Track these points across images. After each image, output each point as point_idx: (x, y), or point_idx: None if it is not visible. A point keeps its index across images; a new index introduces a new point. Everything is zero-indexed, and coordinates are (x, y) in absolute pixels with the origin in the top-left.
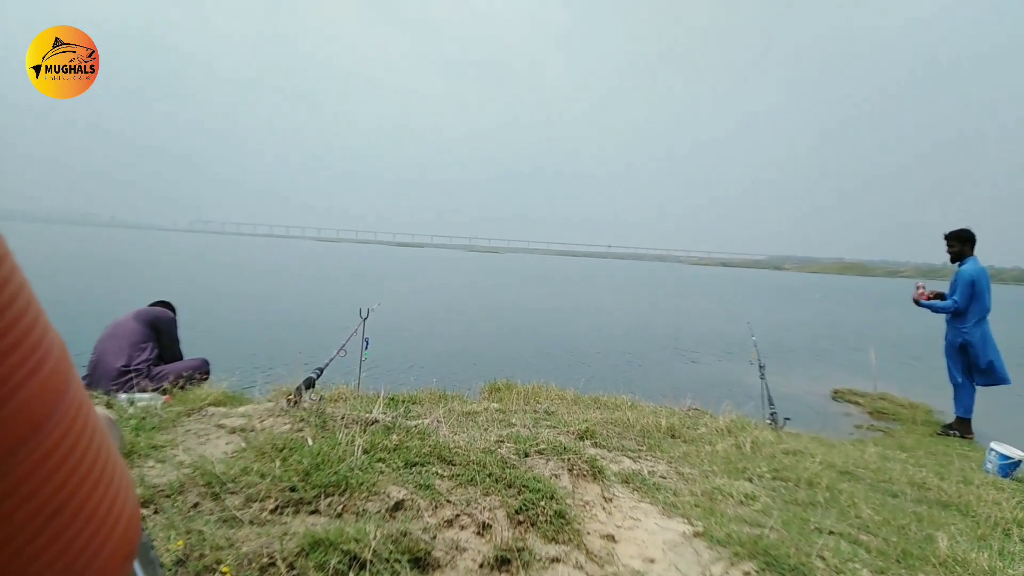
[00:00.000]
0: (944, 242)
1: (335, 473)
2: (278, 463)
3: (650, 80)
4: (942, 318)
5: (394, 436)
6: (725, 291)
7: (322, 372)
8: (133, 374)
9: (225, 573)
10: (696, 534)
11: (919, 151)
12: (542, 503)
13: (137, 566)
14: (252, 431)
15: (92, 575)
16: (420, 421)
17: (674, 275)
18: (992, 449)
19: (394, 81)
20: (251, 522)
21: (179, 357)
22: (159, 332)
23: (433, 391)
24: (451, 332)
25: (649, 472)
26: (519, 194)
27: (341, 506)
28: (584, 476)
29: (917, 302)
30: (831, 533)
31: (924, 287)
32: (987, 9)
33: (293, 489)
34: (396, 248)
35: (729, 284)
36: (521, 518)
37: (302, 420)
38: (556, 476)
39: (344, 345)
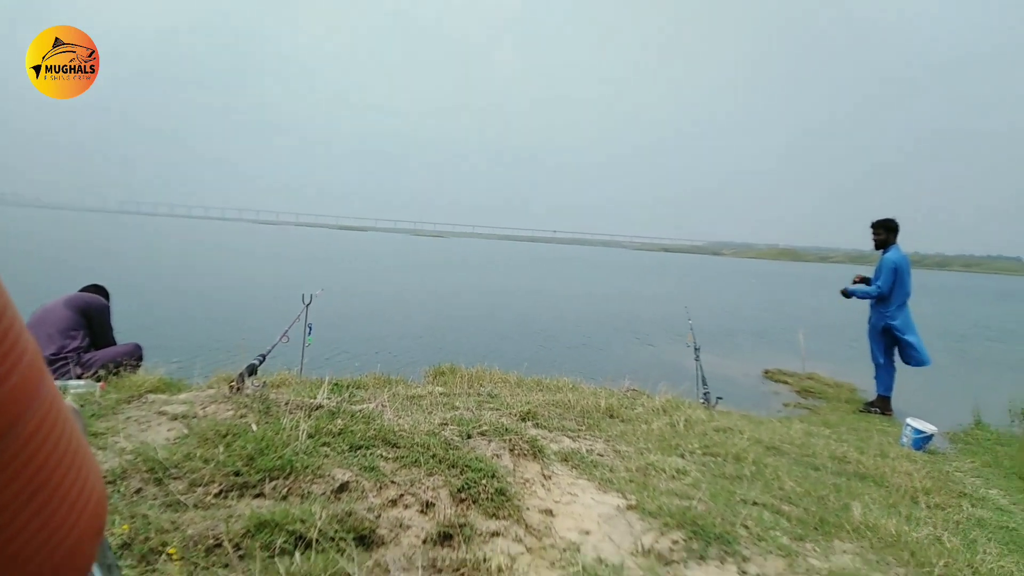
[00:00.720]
0: (871, 230)
1: (280, 457)
2: (222, 448)
3: (598, 69)
4: (867, 303)
5: (339, 421)
6: (666, 276)
7: (264, 359)
8: (64, 362)
9: (172, 555)
10: (629, 507)
11: (848, 142)
12: (484, 481)
13: None
14: (194, 417)
15: (67, 548)
16: (365, 406)
17: (618, 260)
18: (908, 424)
19: (337, 61)
20: (196, 506)
21: (111, 344)
22: (90, 319)
23: (378, 376)
24: (396, 317)
25: (587, 450)
26: (465, 179)
27: (286, 489)
28: (525, 455)
29: (845, 292)
30: (755, 504)
31: (861, 276)
32: None
33: (237, 473)
34: (339, 232)
35: (670, 269)
36: (463, 496)
37: (245, 406)
38: (498, 456)
39: (287, 331)
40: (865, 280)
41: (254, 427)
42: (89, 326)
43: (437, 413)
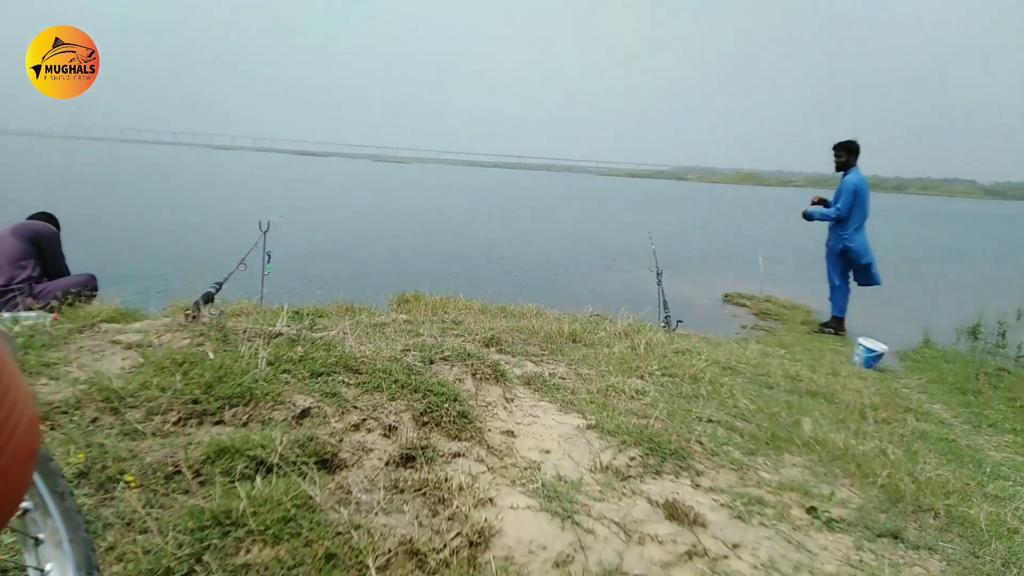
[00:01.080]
0: (832, 152)
1: (239, 385)
2: (179, 377)
3: None
4: (825, 226)
5: (299, 348)
6: (630, 201)
7: (221, 286)
8: (14, 293)
9: (130, 482)
10: (589, 427)
11: (810, 65)
12: (446, 405)
13: (36, 476)
14: (149, 346)
15: None
16: (326, 333)
17: (583, 185)
18: (859, 344)
19: None
20: (154, 434)
21: (64, 273)
22: (40, 248)
23: (340, 305)
24: (360, 245)
25: (550, 374)
26: (430, 104)
27: (247, 416)
28: (487, 379)
29: (806, 215)
30: (710, 421)
31: (820, 198)
32: None
33: (196, 401)
34: (297, 157)
35: (634, 194)
36: (426, 419)
37: (202, 335)
38: (460, 380)
39: (244, 259)
40: (823, 202)
41: (211, 355)
42: (40, 255)
43: (400, 340)
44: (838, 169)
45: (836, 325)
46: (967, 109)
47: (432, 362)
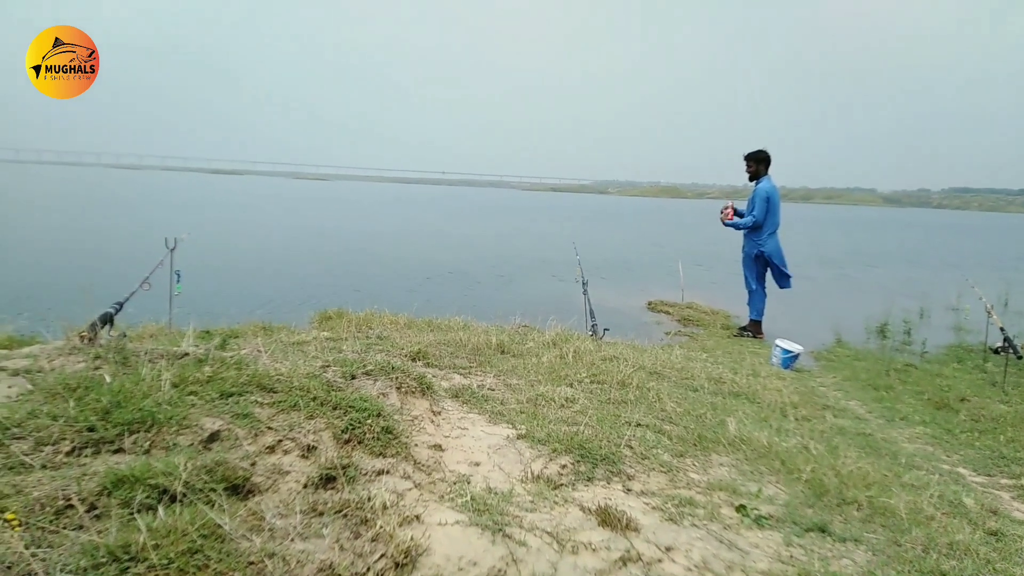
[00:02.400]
0: (744, 163)
1: (140, 409)
2: (72, 403)
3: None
4: (739, 234)
5: (207, 368)
6: (554, 214)
7: (122, 307)
8: None
9: (11, 520)
10: (519, 436)
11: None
12: (369, 421)
13: None
14: (40, 372)
15: None
16: (237, 352)
17: (508, 200)
18: (777, 345)
19: None
20: (43, 466)
21: None
22: None
23: (257, 324)
24: (278, 263)
25: (478, 385)
26: (350, 119)
27: (149, 442)
28: (413, 393)
29: (724, 223)
30: (639, 425)
31: (732, 205)
32: None
33: (92, 429)
34: (211, 176)
35: (558, 207)
36: (348, 437)
37: (99, 357)
38: (384, 395)
39: (148, 278)
40: (739, 214)
41: (108, 378)
42: None
43: (321, 357)
44: (751, 179)
45: (754, 328)
46: (867, 121)
47: (354, 377)
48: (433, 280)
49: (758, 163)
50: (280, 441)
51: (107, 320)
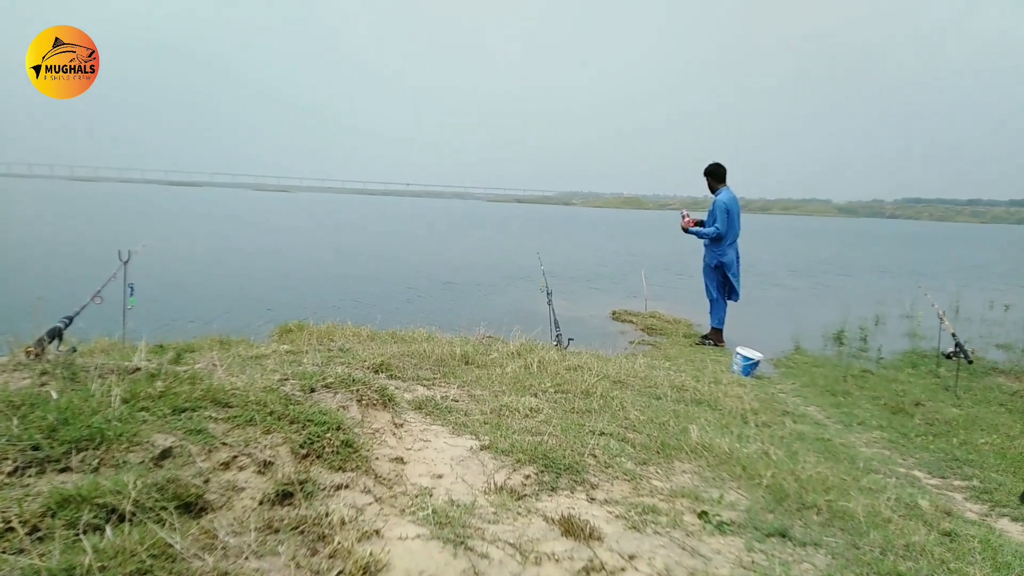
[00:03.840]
0: (703, 177)
1: (88, 426)
2: (16, 421)
3: (448, 14)
4: (700, 243)
5: (159, 383)
6: (518, 225)
7: (71, 321)
8: None
9: None
10: (483, 447)
11: (676, 93)
12: (328, 435)
13: None
14: None
15: None
16: (191, 366)
17: (472, 211)
18: (737, 353)
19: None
20: None
21: None
22: None
23: (213, 338)
24: (237, 276)
25: (442, 397)
26: (311, 129)
27: (97, 460)
28: (374, 405)
29: (685, 230)
30: (603, 434)
31: (687, 214)
32: None
33: (36, 448)
34: (168, 188)
35: (523, 218)
36: (306, 452)
37: (45, 373)
38: (344, 408)
39: (100, 291)
40: (700, 223)
41: (55, 395)
42: None
43: (280, 370)
44: (712, 191)
45: (715, 336)
46: (820, 133)
47: (313, 390)
48: (396, 292)
49: (713, 177)
50: (235, 457)
51: (55, 335)
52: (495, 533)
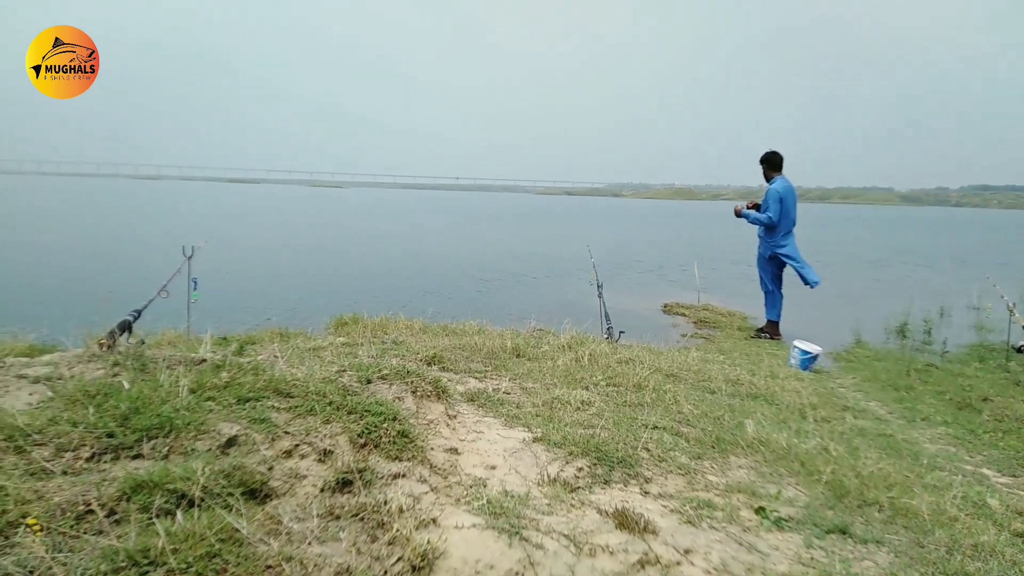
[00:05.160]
0: (759, 165)
1: (158, 415)
2: (92, 410)
3: (493, 8)
4: (755, 234)
5: (224, 374)
6: (569, 217)
7: (140, 314)
8: None
9: (32, 526)
10: (535, 440)
11: (733, 81)
12: (385, 425)
13: None
14: (60, 379)
15: None
16: (254, 358)
17: (521, 204)
18: (795, 346)
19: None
20: (64, 472)
21: None
22: None
23: (273, 330)
24: (295, 271)
25: (494, 389)
26: (363, 126)
27: (167, 448)
28: (428, 397)
29: (738, 214)
30: (656, 428)
31: (744, 206)
32: None
33: (111, 435)
34: (227, 185)
35: (572, 210)
36: (364, 441)
37: (117, 364)
38: (400, 399)
39: (165, 286)
40: (756, 206)
41: (127, 385)
42: None
43: (337, 362)
44: (766, 180)
45: (771, 329)
46: (883, 120)
47: (370, 382)
48: (447, 285)
49: (767, 164)
50: (297, 445)
51: (125, 328)
52: (549, 524)
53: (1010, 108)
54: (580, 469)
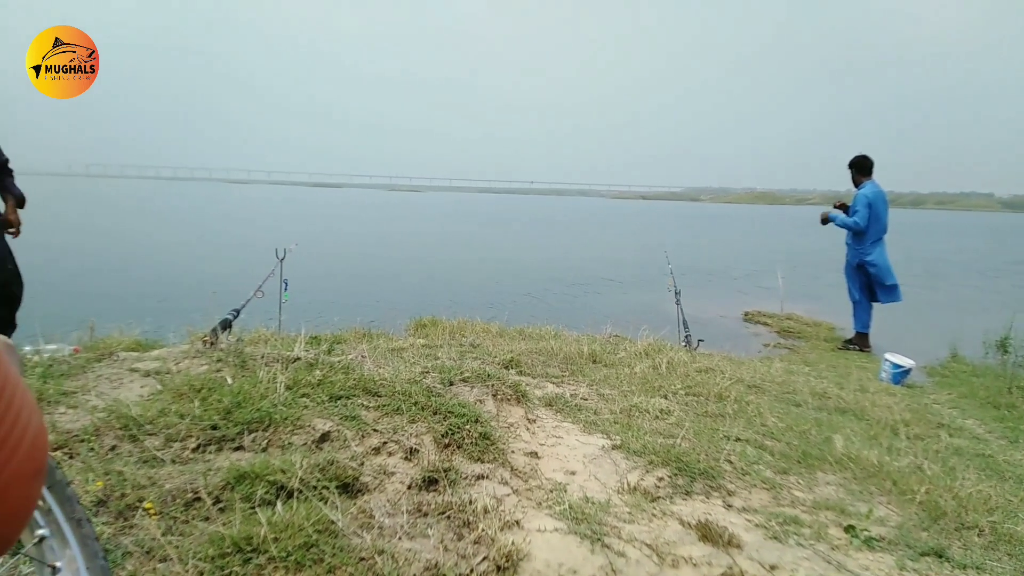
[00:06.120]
0: (848, 169)
1: (258, 410)
2: (197, 403)
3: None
4: (843, 240)
5: (317, 372)
6: (645, 222)
7: (239, 313)
8: None
9: (148, 509)
10: (614, 447)
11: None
12: (467, 426)
13: (53, 502)
14: (168, 373)
15: None
16: (344, 357)
17: (596, 208)
18: (886, 359)
19: (307, 14)
20: (173, 461)
21: None
22: None
23: (358, 330)
24: (376, 272)
25: (571, 395)
26: (441, 132)
27: (266, 441)
28: (508, 400)
29: (824, 220)
30: (738, 440)
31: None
32: None
33: (215, 427)
34: (312, 189)
35: (648, 216)
36: (447, 441)
37: (220, 360)
38: (481, 401)
39: (261, 286)
40: (844, 207)
41: (229, 380)
42: None
43: (419, 363)
44: (856, 184)
45: (860, 341)
46: (983, 123)
47: (452, 384)
48: (523, 288)
49: (856, 169)
50: (385, 443)
51: (226, 326)
52: (631, 533)
53: None
54: (661, 479)
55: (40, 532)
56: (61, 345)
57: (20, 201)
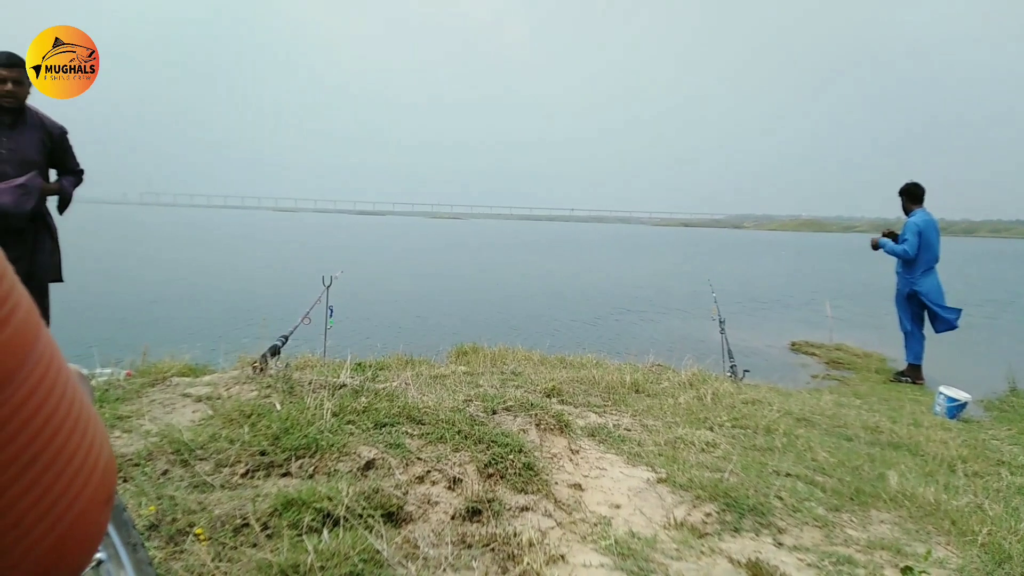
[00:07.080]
0: (898, 197)
1: (305, 436)
2: (247, 429)
3: (611, 44)
4: (893, 268)
5: (362, 399)
6: (687, 250)
7: (287, 340)
8: None
9: (199, 535)
10: (659, 480)
11: (870, 108)
12: (511, 456)
13: (111, 527)
14: (218, 399)
15: (73, 517)
16: (388, 384)
17: (637, 236)
18: (941, 393)
19: (353, 48)
20: (222, 486)
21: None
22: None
23: (400, 356)
24: (417, 299)
25: (614, 425)
26: (481, 160)
27: (312, 467)
28: (551, 430)
29: (875, 246)
30: (788, 475)
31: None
32: None
33: (263, 453)
34: (357, 217)
35: (691, 244)
36: (491, 471)
37: (269, 386)
38: (524, 431)
39: (308, 313)
40: (893, 235)
41: (278, 406)
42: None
43: (461, 391)
44: (905, 212)
45: (913, 373)
46: None
47: (495, 412)
48: (565, 316)
49: (907, 196)
50: (429, 472)
51: (275, 352)
52: (679, 571)
53: None
54: (708, 514)
55: (98, 556)
56: (116, 369)
57: (66, 199)
